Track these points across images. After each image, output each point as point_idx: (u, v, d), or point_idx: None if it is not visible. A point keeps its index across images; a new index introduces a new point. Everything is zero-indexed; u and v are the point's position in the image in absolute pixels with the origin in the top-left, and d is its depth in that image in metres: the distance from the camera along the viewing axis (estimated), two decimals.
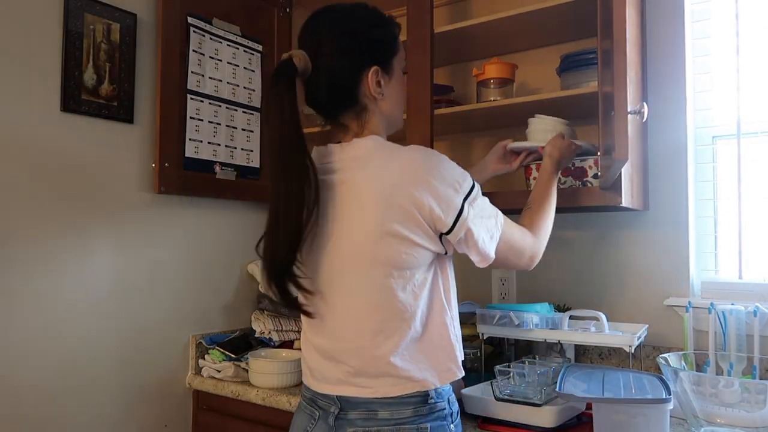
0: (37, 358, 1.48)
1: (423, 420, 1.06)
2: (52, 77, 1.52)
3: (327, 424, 1.08)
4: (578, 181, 1.52)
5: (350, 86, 1.10)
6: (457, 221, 1.05)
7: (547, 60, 1.85)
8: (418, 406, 1.06)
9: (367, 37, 1.11)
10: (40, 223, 1.49)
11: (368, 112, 1.12)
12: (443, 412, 1.08)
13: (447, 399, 1.10)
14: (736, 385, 1.19)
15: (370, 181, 1.05)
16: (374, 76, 1.10)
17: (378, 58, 1.11)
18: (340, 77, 1.09)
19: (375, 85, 1.10)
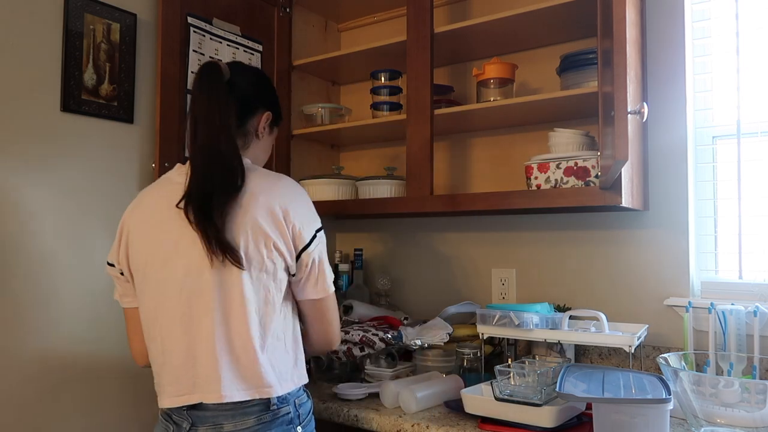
0: (37, 357, 1.48)
1: (266, 427, 1.11)
2: (52, 77, 1.52)
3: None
4: (581, 181, 1.52)
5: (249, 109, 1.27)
6: (312, 240, 1.19)
7: (547, 60, 1.86)
8: (260, 414, 1.11)
9: (272, 91, 1.34)
10: (39, 223, 1.49)
11: (250, 146, 1.29)
12: (288, 417, 1.14)
13: (292, 402, 1.16)
14: (736, 385, 1.19)
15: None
16: (267, 118, 1.30)
17: (273, 109, 1.32)
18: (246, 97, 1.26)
19: (263, 126, 1.29)
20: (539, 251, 1.88)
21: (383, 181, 1.92)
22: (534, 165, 1.60)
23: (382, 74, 1.97)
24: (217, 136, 1.15)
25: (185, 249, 1.12)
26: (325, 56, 2.05)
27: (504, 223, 1.95)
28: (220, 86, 1.18)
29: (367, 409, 1.44)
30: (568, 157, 1.55)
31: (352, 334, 1.64)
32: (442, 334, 1.64)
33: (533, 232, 1.89)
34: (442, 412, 1.43)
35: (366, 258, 2.24)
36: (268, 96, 1.32)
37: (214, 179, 1.13)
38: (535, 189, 1.58)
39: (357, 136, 2.14)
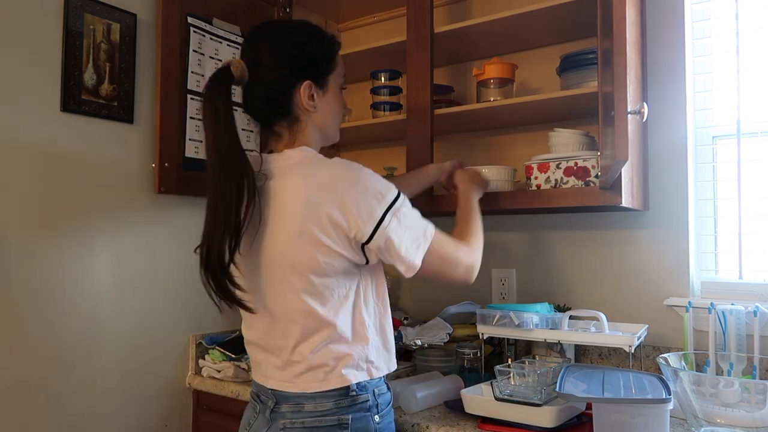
0: (37, 357, 1.48)
1: (344, 412, 1.13)
2: (52, 77, 1.52)
3: (265, 417, 1.17)
4: (581, 181, 1.52)
5: (283, 97, 1.17)
6: (376, 230, 1.09)
7: (547, 60, 1.86)
8: (339, 399, 1.13)
9: (304, 51, 1.18)
10: (39, 223, 1.49)
11: (300, 123, 1.19)
12: (366, 404, 1.15)
13: (372, 391, 1.17)
14: (736, 385, 1.19)
15: (292, 190, 1.11)
16: (307, 89, 1.17)
17: (312, 72, 1.18)
18: (274, 88, 1.16)
19: (307, 99, 1.17)
20: (539, 251, 1.88)
21: None
22: (534, 165, 1.60)
23: (382, 74, 1.97)
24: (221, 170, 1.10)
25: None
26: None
27: (504, 223, 1.95)
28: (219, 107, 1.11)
29: None
30: (568, 157, 1.55)
31: None
32: (442, 334, 1.64)
33: (533, 232, 1.89)
34: (442, 412, 1.43)
35: None
36: (298, 62, 1.17)
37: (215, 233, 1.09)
38: (535, 189, 1.58)
39: (357, 136, 2.14)
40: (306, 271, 1.10)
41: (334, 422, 1.12)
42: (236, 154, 1.10)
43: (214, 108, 1.10)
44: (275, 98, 1.17)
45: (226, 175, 1.09)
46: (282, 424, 1.13)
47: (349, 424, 1.12)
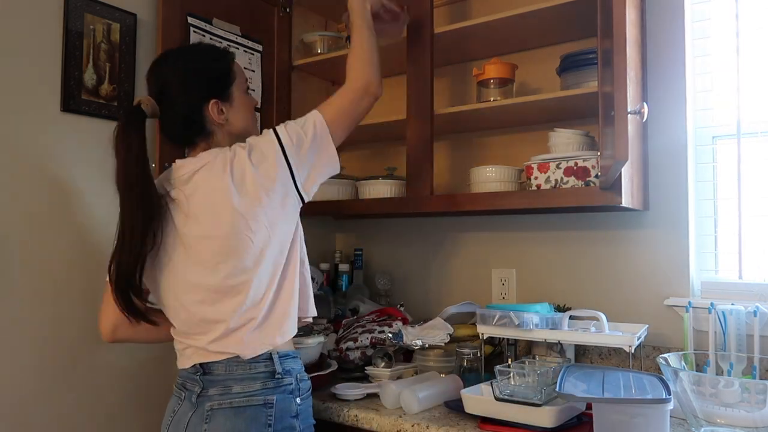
0: (37, 357, 1.48)
1: (270, 392, 1.23)
2: (52, 77, 1.52)
3: (191, 402, 1.25)
4: (581, 181, 1.52)
5: (196, 119, 1.29)
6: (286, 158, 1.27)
7: (547, 60, 1.86)
8: (266, 380, 1.24)
9: (203, 75, 1.30)
10: (39, 222, 1.49)
11: (217, 135, 1.32)
12: (290, 387, 1.26)
13: (295, 376, 1.28)
14: (736, 385, 1.19)
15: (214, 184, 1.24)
16: (215, 107, 1.29)
17: (215, 91, 1.30)
18: (186, 114, 1.29)
19: (217, 114, 1.30)
20: (539, 251, 1.88)
21: (383, 181, 1.92)
22: (534, 165, 1.60)
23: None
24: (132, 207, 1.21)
25: None
26: (325, 56, 2.05)
27: (504, 223, 1.95)
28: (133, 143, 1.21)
29: (367, 409, 1.44)
30: (568, 157, 1.55)
31: (361, 340, 1.70)
32: (442, 334, 1.64)
33: (533, 232, 1.89)
34: (442, 412, 1.43)
35: (366, 258, 2.24)
36: (201, 85, 1.30)
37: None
38: (535, 189, 1.58)
39: (357, 136, 2.14)
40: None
41: (260, 402, 1.22)
42: (146, 186, 1.22)
43: (127, 144, 1.21)
44: (189, 122, 1.29)
45: (135, 206, 1.20)
46: (209, 406, 1.22)
47: (274, 404, 1.23)
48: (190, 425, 1.22)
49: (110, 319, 1.31)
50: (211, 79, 1.31)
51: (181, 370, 1.32)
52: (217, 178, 1.23)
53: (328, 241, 2.34)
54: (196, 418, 1.22)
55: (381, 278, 2.12)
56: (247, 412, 1.21)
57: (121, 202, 1.21)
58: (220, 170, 1.23)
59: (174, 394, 1.32)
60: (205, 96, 1.29)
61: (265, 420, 1.21)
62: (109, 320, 1.32)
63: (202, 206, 1.24)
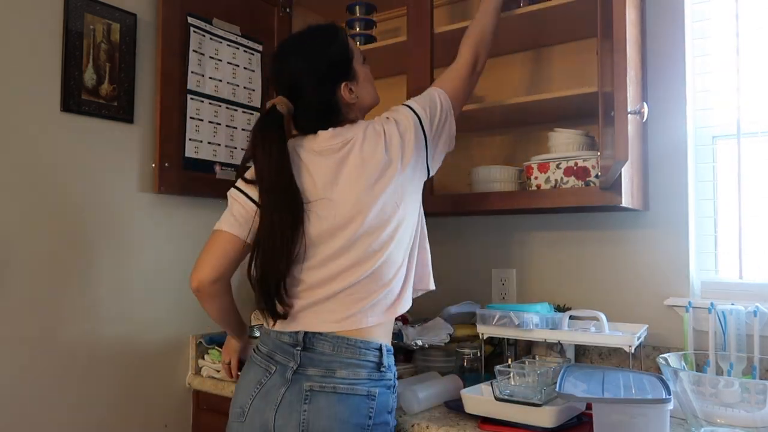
0: (37, 358, 1.48)
1: (374, 384, 1.20)
2: (52, 77, 1.52)
3: (284, 377, 1.20)
4: (581, 181, 1.52)
5: (332, 108, 1.31)
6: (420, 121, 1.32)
7: (547, 60, 1.86)
8: (372, 371, 1.21)
9: (329, 62, 1.31)
10: (38, 222, 1.49)
11: (350, 114, 1.34)
12: (389, 382, 1.24)
13: (394, 373, 1.27)
14: (736, 385, 1.19)
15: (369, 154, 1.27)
16: (345, 89, 1.31)
17: (342, 74, 1.32)
18: (322, 105, 1.31)
19: (348, 95, 1.32)
20: (539, 251, 1.88)
21: None
22: (534, 165, 1.60)
23: (357, 6, 2.04)
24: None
25: None
26: None
27: (504, 223, 1.95)
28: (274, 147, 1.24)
29: None
30: (568, 157, 1.55)
31: None
32: (442, 334, 1.64)
33: (533, 232, 1.89)
34: (442, 412, 1.43)
35: None
36: (329, 72, 1.31)
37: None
38: (535, 189, 1.58)
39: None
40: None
41: (363, 392, 1.18)
42: (290, 188, 1.22)
43: (268, 150, 1.22)
44: (326, 112, 1.31)
45: (281, 208, 1.21)
46: (309, 386, 1.17)
47: (376, 396, 1.19)
48: (285, 402, 1.17)
49: (216, 267, 1.28)
50: (337, 63, 1.32)
51: (272, 337, 1.27)
52: (372, 149, 1.25)
53: None
54: (291, 396, 1.17)
55: None
56: (352, 400, 1.17)
57: (267, 205, 1.22)
58: (373, 142, 1.26)
59: (255, 362, 1.27)
60: (336, 82, 1.30)
61: (366, 412, 1.18)
62: (214, 269, 1.28)
63: (355, 174, 1.25)
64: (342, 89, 1.30)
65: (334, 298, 1.23)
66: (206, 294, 1.31)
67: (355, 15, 2.04)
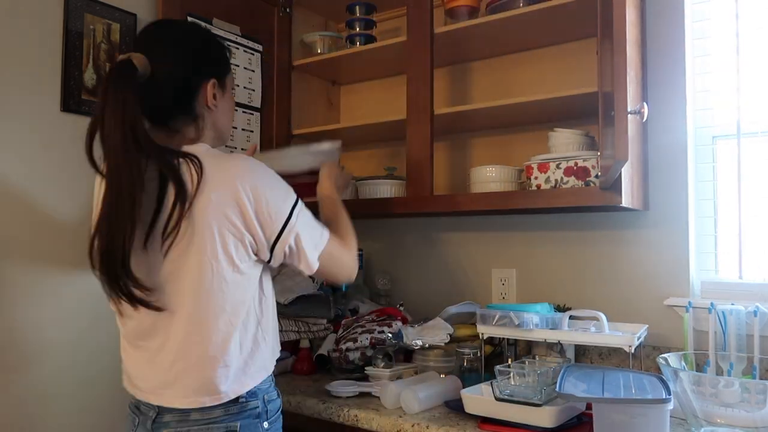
0: (35, 358, 1.48)
1: (233, 419, 1.10)
2: (52, 77, 1.52)
3: (146, 428, 1.13)
4: (581, 181, 1.52)
5: (189, 94, 1.15)
6: (284, 227, 1.12)
7: (547, 60, 1.86)
8: (228, 406, 1.11)
9: (207, 52, 1.19)
10: (39, 223, 1.49)
11: (201, 121, 1.17)
12: (255, 411, 1.14)
13: (262, 398, 1.15)
14: (736, 385, 1.19)
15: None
16: (212, 87, 1.17)
17: (216, 72, 1.19)
18: (180, 84, 1.14)
19: (211, 97, 1.17)
20: (539, 251, 1.88)
21: (383, 181, 1.92)
22: (534, 165, 1.60)
23: (357, 6, 2.03)
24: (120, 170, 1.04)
25: None
26: (325, 56, 2.05)
27: (504, 223, 1.95)
28: (127, 88, 1.04)
29: (367, 410, 1.44)
30: (568, 157, 1.55)
31: (360, 340, 1.68)
32: (442, 334, 1.64)
33: (533, 232, 1.89)
34: (442, 412, 1.43)
35: (366, 258, 2.23)
36: (204, 60, 1.17)
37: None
38: (535, 189, 1.58)
39: (357, 136, 2.14)
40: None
41: (221, 430, 1.09)
42: (139, 149, 1.04)
43: (122, 99, 1.03)
44: (179, 94, 1.14)
45: (127, 172, 1.03)
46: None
47: (238, 431, 1.10)
48: None
49: None
50: (214, 59, 1.20)
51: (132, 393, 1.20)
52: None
53: None
54: None
55: (381, 278, 2.12)
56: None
57: (112, 169, 1.03)
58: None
59: (128, 416, 1.20)
60: (207, 72, 1.16)
61: None
62: None
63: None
64: (209, 85, 1.16)
65: None
66: None
67: (355, 15, 2.04)
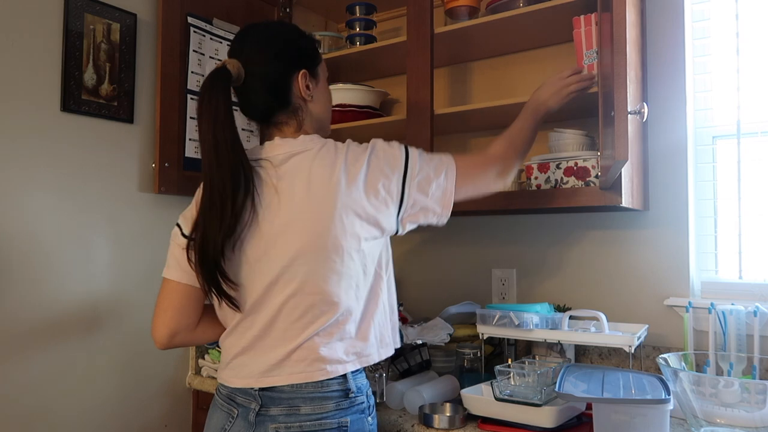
0: (36, 358, 1.48)
1: (343, 414, 1.11)
2: (52, 77, 1.52)
3: (247, 421, 1.10)
4: (581, 181, 1.52)
5: (282, 87, 1.18)
6: (404, 185, 1.15)
7: (547, 60, 1.86)
8: (340, 400, 1.11)
9: (295, 45, 1.21)
10: (39, 223, 1.49)
11: (300, 113, 1.20)
12: (362, 406, 1.15)
13: (365, 393, 1.17)
14: (736, 385, 1.19)
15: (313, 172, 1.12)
16: (303, 78, 1.19)
17: (306, 62, 1.21)
18: (273, 80, 1.18)
19: (305, 87, 1.20)
20: (539, 251, 1.88)
21: None
22: (534, 165, 1.60)
23: (357, 7, 2.03)
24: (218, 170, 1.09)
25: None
26: (325, 56, 2.04)
27: (504, 223, 1.95)
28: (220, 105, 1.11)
29: None
30: (568, 157, 1.55)
31: None
32: (442, 334, 1.64)
33: (533, 232, 1.89)
34: None
35: None
36: (292, 50, 1.20)
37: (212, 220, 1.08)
38: (535, 189, 1.58)
39: (357, 136, 2.14)
40: (336, 253, 1.10)
41: (334, 425, 1.09)
42: (236, 150, 1.10)
43: (215, 105, 1.10)
44: (274, 89, 1.18)
45: (224, 171, 1.08)
46: (273, 428, 1.08)
47: (348, 426, 1.10)
48: None
49: (169, 326, 1.16)
50: (302, 50, 1.22)
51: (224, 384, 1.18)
52: (325, 168, 1.12)
53: None
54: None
55: None
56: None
57: (208, 171, 1.09)
58: (329, 160, 1.13)
59: (218, 406, 1.17)
60: (295, 65, 1.19)
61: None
62: (167, 327, 1.16)
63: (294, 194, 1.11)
64: (299, 76, 1.18)
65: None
66: (177, 346, 1.21)
67: (355, 15, 2.04)
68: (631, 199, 1.49)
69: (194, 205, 1.18)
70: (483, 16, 1.74)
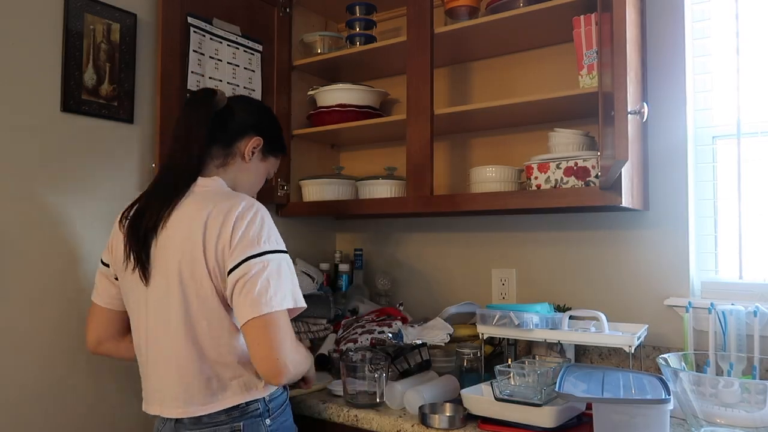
0: (37, 357, 1.48)
1: (236, 420, 1.19)
2: (52, 77, 1.52)
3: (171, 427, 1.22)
4: (581, 181, 1.52)
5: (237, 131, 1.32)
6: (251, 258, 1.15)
7: (547, 60, 1.86)
8: (230, 410, 1.19)
9: (273, 124, 1.41)
10: (39, 223, 1.49)
11: (230, 166, 1.32)
12: (256, 411, 1.21)
13: (262, 398, 1.23)
14: (736, 385, 1.19)
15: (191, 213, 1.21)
16: (256, 143, 1.34)
17: (268, 140, 1.37)
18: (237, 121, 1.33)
19: (250, 149, 1.33)
20: (539, 251, 1.88)
21: (383, 181, 1.92)
22: (534, 165, 1.60)
23: (357, 7, 2.04)
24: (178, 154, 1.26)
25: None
26: (325, 56, 2.05)
27: (504, 223, 1.95)
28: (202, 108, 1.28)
29: (368, 409, 1.44)
30: (568, 157, 1.55)
31: (360, 340, 1.69)
32: (442, 334, 1.64)
33: (533, 232, 1.89)
34: None
35: (366, 258, 2.24)
36: (264, 124, 1.37)
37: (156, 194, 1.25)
38: (535, 189, 1.58)
39: (357, 136, 2.15)
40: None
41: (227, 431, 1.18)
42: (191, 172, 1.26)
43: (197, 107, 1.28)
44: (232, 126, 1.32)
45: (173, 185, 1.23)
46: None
47: (241, 430, 1.19)
48: None
49: (96, 332, 1.36)
50: (273, 136, 1.39)
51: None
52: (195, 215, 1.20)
53: (328, 241, 2.34)
54: None
55: (381, 278, 2.12)
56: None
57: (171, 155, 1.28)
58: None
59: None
60: (260, 132, 1.34)
61: None
62: (95, 333, 1.36)
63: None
64: (254, 139, 1.33)
65: None
66: (106, 353, 1.38)
67: (355, 15, 2.04)
68: (631, 199, 1.49)
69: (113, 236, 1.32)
70: (483, 16, 1.75)
